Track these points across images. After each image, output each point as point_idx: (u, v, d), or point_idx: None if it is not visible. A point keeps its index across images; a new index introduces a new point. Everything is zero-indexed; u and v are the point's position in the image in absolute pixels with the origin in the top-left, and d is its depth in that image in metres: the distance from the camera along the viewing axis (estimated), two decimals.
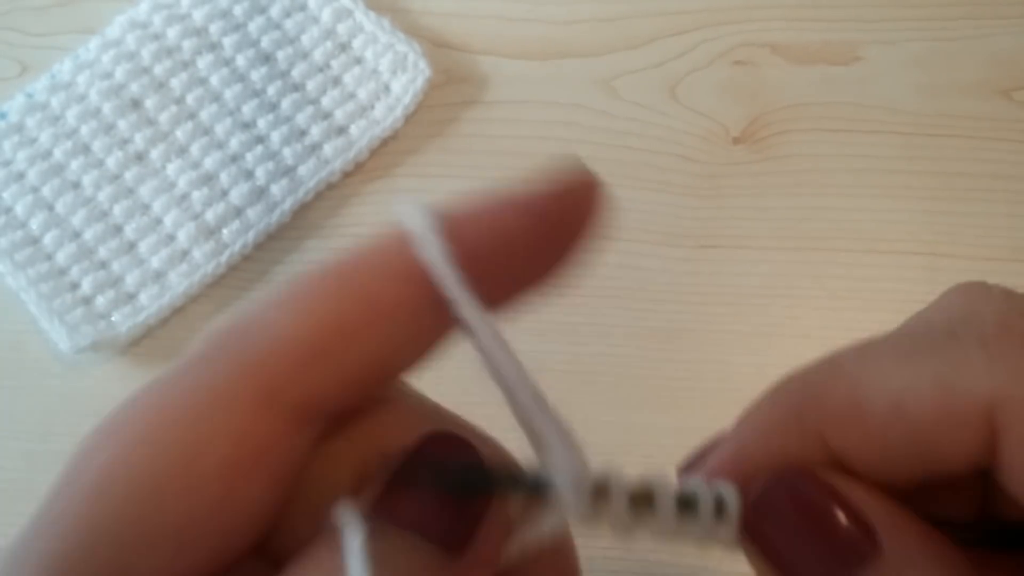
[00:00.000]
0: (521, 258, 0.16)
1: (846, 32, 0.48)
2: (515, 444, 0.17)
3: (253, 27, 0.49)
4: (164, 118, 0.47)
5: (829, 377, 0.17)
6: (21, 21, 0.51)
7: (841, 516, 0.16)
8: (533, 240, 0.17)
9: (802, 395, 0.17)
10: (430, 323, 0.16)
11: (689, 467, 0.19)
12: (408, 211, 0.16)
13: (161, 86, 0.48)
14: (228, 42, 0.48)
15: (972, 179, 0.45)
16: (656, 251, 0.44)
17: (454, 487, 0.15)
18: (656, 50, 0.48)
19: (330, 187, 0.47)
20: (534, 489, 0.16)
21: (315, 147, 0.46)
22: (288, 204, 0.46)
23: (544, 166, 0.17)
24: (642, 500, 0.17)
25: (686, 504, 0.17)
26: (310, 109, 0.47)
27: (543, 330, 0.42)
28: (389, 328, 0.16)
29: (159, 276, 0.45)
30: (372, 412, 0.17)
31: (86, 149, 0.47)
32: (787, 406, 0.17)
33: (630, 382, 0.42)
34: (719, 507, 0.17)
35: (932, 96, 0.46)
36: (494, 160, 0.47)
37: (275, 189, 0.46)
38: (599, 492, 0.16)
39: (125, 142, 0.47)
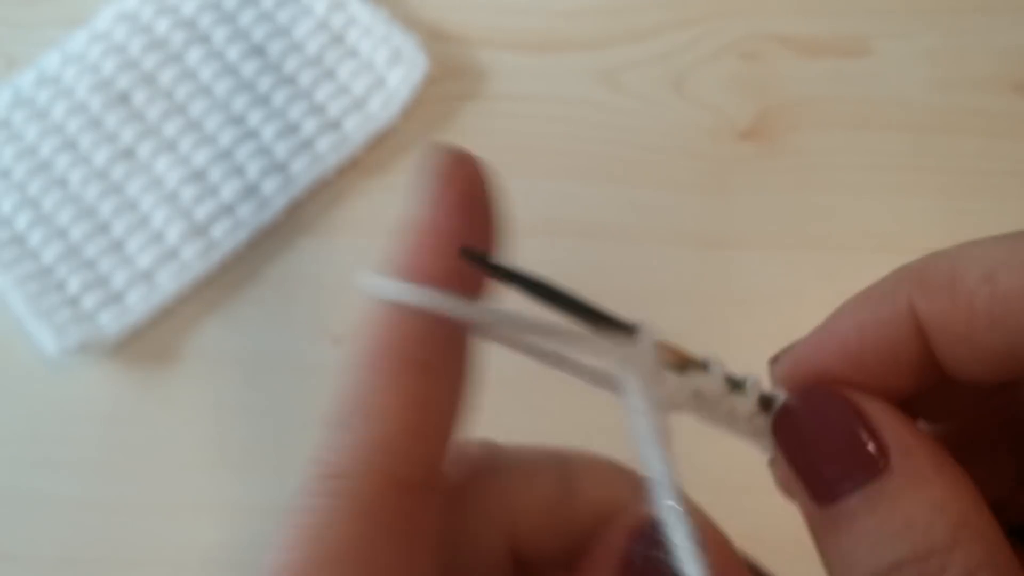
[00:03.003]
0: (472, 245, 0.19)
1: (856, 24, 0.48)
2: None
3: (245, 19, 0.48)
4: (153, 113, 0.46)
5: (931, 257, 0.18)
6: (8, 12, 0.51)
7: (860, 431, 0.18)
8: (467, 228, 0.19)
9: (904, 274, 0.19)
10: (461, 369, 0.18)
11: (784, 357, 0.20)
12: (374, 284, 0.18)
13: (150, 80, 0.47)
14: (219, 34, 0.48)
15: (984, 175, 0.45)
16: (661, 250, 0.44)
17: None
18: (661, 42, 0.48)
19: (324, 184, 0.46)
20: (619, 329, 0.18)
21: (308, 142, 0.46)
22: (281, 201, 0.45)
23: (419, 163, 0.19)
24: (698, 367, 0.19)
25: (734, 385, 0.19)
26: (303, 103, 0.46)
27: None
28: (456, 391, 0.18)
29: (148, 276, 0.44)
30: (494, 478, 0.19)
31: (73, 145, 0.46)
32: (887, 284, 0.19)
33: None
34: (764, 403, 0.19)
35: (944, 91, 0.46)
36: (494, 156, 0.45)
37: (267, 186, 0.45)
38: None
39: (113, 138, 0.46)
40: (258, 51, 0.47)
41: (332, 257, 0.45)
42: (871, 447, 0.17)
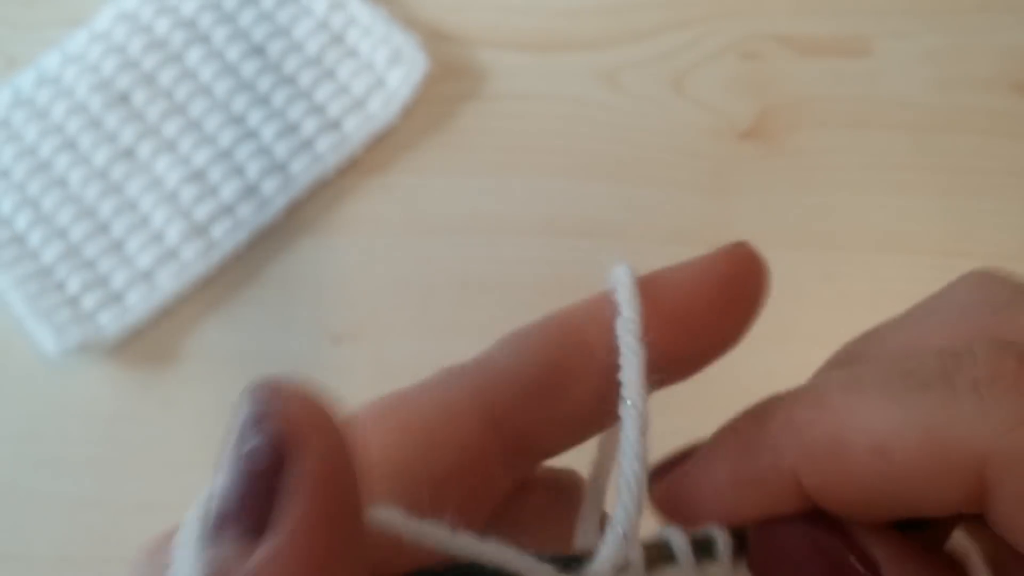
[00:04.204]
0: (705, 327, 0.18)
1: (857, 24, 0.48)
2: None
3: (245, 19, 0.48)
4: (153, 113, 0.46)
5: (812, 411, 0.17)
6: (8, 12, 0.50)
7: (852, 560, 0.16)
8: (717, 309, 0.18)
9: (781, 426, 0.17)
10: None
11: (659, 472, 0.19)
12: (619, 275, 0.18)
13: (150, 80, 0.47)
14: (219, 34, 0.47)
15: (985, 175, 0.45)
16: (661, 250, 0.44)
17: None
18: (661, 42, 0.48)
19: (324, 184, 0.46)
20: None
21: (308, 142, 0.46)
22: (281, 201, 0.45)
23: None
24: (658, 554, 0.17)
25: (703, 550, 0.17)
26: (303, 103, 0.46)
27: None
28: (600, 380, 0.17)
29: (148, 276, 0.44)
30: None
31: (73, 145, 0.46)
32: (763, 436, 0.17)
33: None
34: (706, 548, 0.17)
35: (945, 90, 0.46)
36: (494, 156, 0.46)
37: (267, 186, 0.45)
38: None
39: (113, 138, 0.46)
40: (258, 51, 0.47)
41: (332, 257, 0.45)
42: (860, 568, 0.16)
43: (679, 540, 0.17)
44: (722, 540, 0.17)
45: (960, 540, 0.18)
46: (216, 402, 0.43)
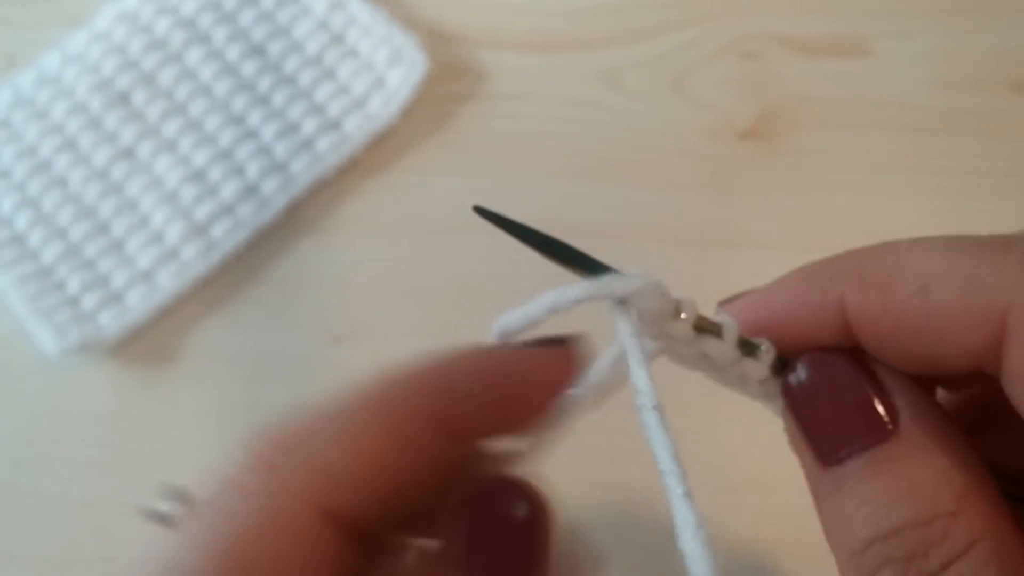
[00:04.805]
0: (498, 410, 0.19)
1: (856, 25, 0.47)
2: None
3: (244, 19, 0.48)
4: (153, 113, 0.46)
5: (877, 254, 0.18)
6: (8, 12, 0.50)
7: (871, 394, 0.18)
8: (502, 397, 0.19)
9: (847, 264, 0.19)
10: (447, 458, 0.18)
11: (726, 303, 0.21)
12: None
13: (150, 80, 0.47)
14: (219, 34, 0.47)
15: (984, 175, 0.45)
16: (660, 250, 0.44)
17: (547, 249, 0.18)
18: (661, 42, 0.48)
19: (324, 184, 0.46)
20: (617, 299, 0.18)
21: (308, 142, 0.46)
22: (281, 201, 0.45)
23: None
24: (708, 329, 0.19)
25: (748, 350, 0.19)
26: (303, 103, 0.46)
27: (545, 330, 0.41)
28: (416, 464, 0.18)
29: (148, 276, 0.44)
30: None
31: (73, 145, 0.46)
32: (829, 270, 0.19)
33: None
34: (751, 349, 0.19)
35: (944, 91, 0.46)
36: (493, 156, 0.46)
37: (267, 186, 0.45)
38: (675, 312, 0.19)
39: (113, 138, 0.46)
40: (258, 51, 0.47)
41: (332, 257, 0.45)
42: (881, 410, 0.17)
43: (731, 326, 0.19)
44: (766, 348, 0.19)
45: None
46: (216, 401, 0.43)
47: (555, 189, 0.45)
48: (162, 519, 0.18)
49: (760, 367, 0.19)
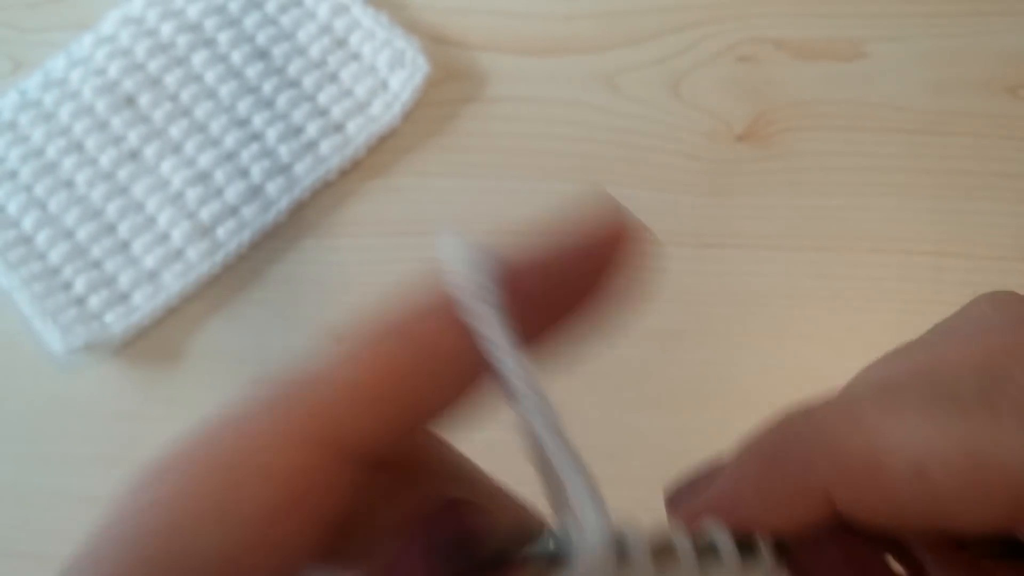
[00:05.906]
0: (562, 298, 0.17)
1: (851, 28, 0.47)
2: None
3: (249, 23, 0.48)
4: (158, 115, 0.47)
5: (845, 426, 0.16)
6: (14, 16, 0.51)
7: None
8: (575, 282, 0.17)
9: (813, 441, 0.16)
10: (472, 370, 0.16)
11: (678, 496, 0.18)
12: (453, 250, 0.16)
13: (155, 83, 0.47)
14: (223, 38, 0.48)
15: (978, 177, 0.45)
16: (657, 251, 0.44)
17: (463, 562, 0.15)
18: (658, 46, 0.48)
19: (327, 185, 0.46)
20: (552, 557, 0.16)
21: (311, 144, 0.46)
22: (284, 203, 0.45)
23: (573, 203, 0.17)
24: (664, 553, 0.16)
25: (707, 552, 0.17)
26: (306, 106, 0.47)
27: None
28: (436, 374, 0.16)
29: (153, 276, 0.44)
30: (415, 473, 0.17)
31: (79, 147, 0.46)
32: (794, 451, 0.17)
33: (631, 384, 0.42)
34: (748, 549, 0.17)
35: (938, 93, 0.46)
36: (494, 158, 0.46)
37: (271, 187, 0.45)
38: (620, 553, 0.16)
39: (119, 140, 0.46)
40: (262, 55, 0.48)
41: (335, 257, 0.45)
42: None
43: (724, 540, 0.17)
44: (763, 546, 0.17)
45: None
46: (220, 400, 0.43)
47: (554, 190, 0.45)
48: None
49: (763, 562, 0.17)
